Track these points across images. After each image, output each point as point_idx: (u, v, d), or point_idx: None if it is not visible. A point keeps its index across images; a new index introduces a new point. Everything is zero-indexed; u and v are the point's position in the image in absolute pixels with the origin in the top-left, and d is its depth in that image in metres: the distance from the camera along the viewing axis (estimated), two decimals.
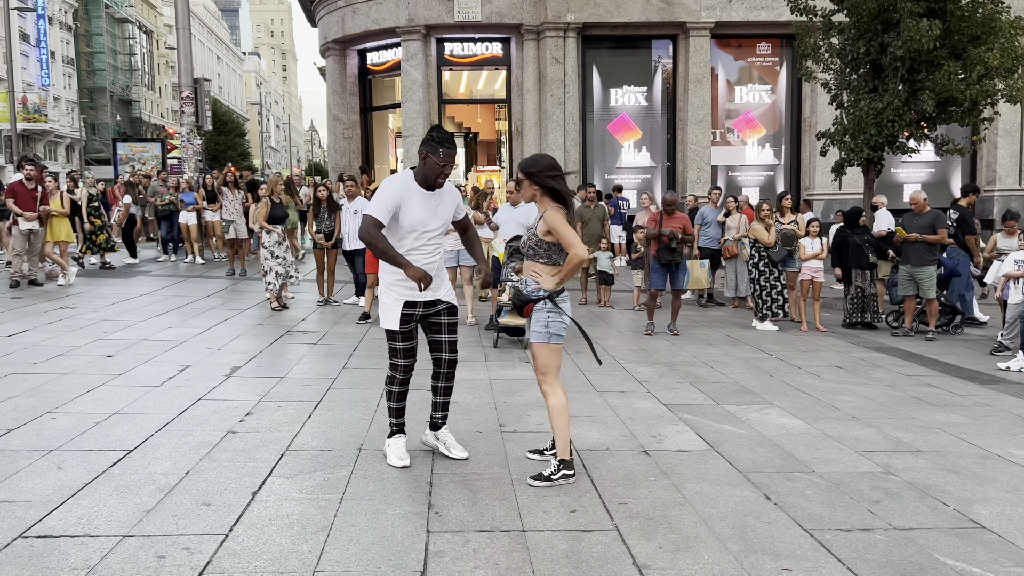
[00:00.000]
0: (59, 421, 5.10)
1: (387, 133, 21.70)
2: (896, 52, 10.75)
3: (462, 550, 3.38)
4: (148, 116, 69.37)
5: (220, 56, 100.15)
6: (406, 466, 4.41)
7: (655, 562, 3.32)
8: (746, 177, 18.39)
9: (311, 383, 6.38)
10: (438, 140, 4.14)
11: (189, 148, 16.49)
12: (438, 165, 4.14)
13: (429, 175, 4.19)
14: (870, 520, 3.81)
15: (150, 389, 6.00)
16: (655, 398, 6.19)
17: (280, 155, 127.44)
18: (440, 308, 4.41)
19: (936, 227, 9.43)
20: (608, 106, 18.02)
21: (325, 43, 19.53)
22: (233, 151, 58.37)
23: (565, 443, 4.18)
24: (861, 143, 11.59)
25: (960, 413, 5.94)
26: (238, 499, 3.87)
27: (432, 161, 4.14)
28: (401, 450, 4.49)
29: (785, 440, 5.12)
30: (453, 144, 4.21)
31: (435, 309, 4.40)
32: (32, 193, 11.29)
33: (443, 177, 4.20)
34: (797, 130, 18.25)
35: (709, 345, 8.69)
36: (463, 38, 18.00)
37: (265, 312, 10.10)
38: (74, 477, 4.11)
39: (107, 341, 7.84)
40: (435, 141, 4.14)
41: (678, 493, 4.11)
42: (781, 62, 18.12)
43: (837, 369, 7.55)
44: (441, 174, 4.18)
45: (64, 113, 56.40)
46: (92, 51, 60.47)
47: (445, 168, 4.17)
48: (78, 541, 3.37)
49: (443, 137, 4.18)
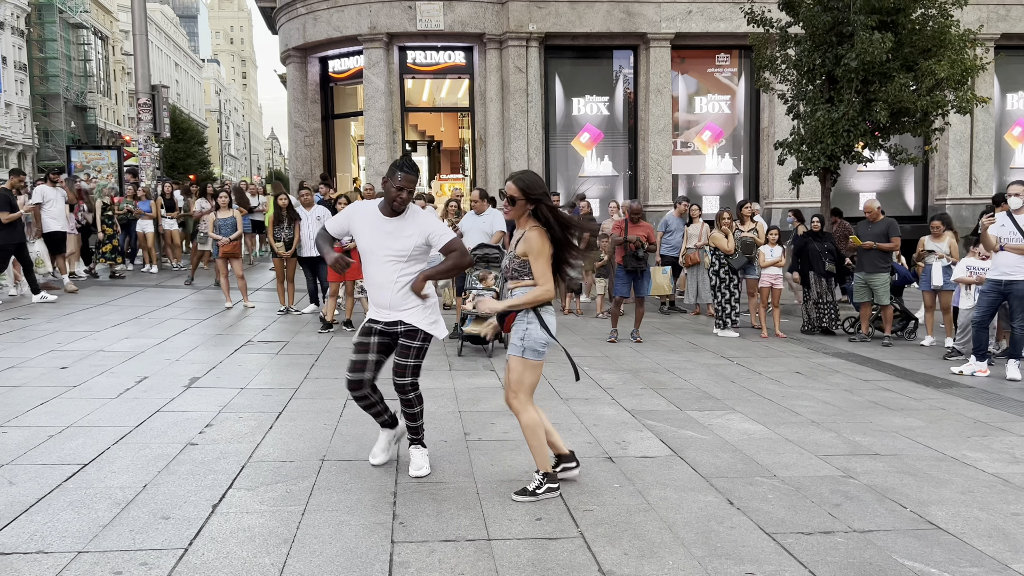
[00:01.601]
0: (11, 435, 4.96)
1: (349, 141, 21.55)
2: (850, 64, 11.00)
3: (427, 560, 3.36)
4: (104, 123, 68.05)
5: (178, 63, 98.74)
6: (376, 464, 4.53)
7: (620, 568, 3.33)
8: (706, 186, 18.62)
9: (272, 393, 6.30)
10: (397, 164, 4.18)
11: (147, 156, 16.18)
12: (394, 188, 4.14)
13: (387, 199, 4.21)
14: (831, 523, 3.87)
15: (106, 401, 5.87)
16: (619, 405, 6.22)
17: (240, 163, 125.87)
18: (399, 330, 4.33)
19: (889, 235, 9.63)
20: (571, 115, 18.12)
21: (286, 50, 19.36)
22: (192, 159, 57.49)
23: (544, 458, 4.11)
24: (818, 152, 11.82)
25: (916, 417, 6.07)
26: (198, 512, 3.80)
27: (389, 185, 4.17)
28: (376, 448, 4.62)
29: (747, 445, 5.18)
30: (413, 169, 4.19)
31: (394, 330, 4.35)
32: None
33: (399, 202, 4.15)
34: (756, 140, 18.53)
35: (671, 352, 8.77)
36: (426, 46, 17.97)
37: (225, 322, 9.94)
38: (27, 492, 3.99)
39: (61, 352, 7.66)
40: (394, 165, 4.18)
41: (643, 499, 4.13)
42: (740, 73, 18.40)
43: (797, 375, 7.66)
44: (397, 198, 4.15)
45: (16, 120, 55.09)
46: (45, 56, 59.19)
47: (401, 192, 4.13)
48: (31, 558, 3.27)
49: (403, 162, 4.19)
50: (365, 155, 18.21)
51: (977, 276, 8.46)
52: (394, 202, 4.16)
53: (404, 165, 4.16)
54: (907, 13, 11.10)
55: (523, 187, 3.97)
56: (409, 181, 4.14)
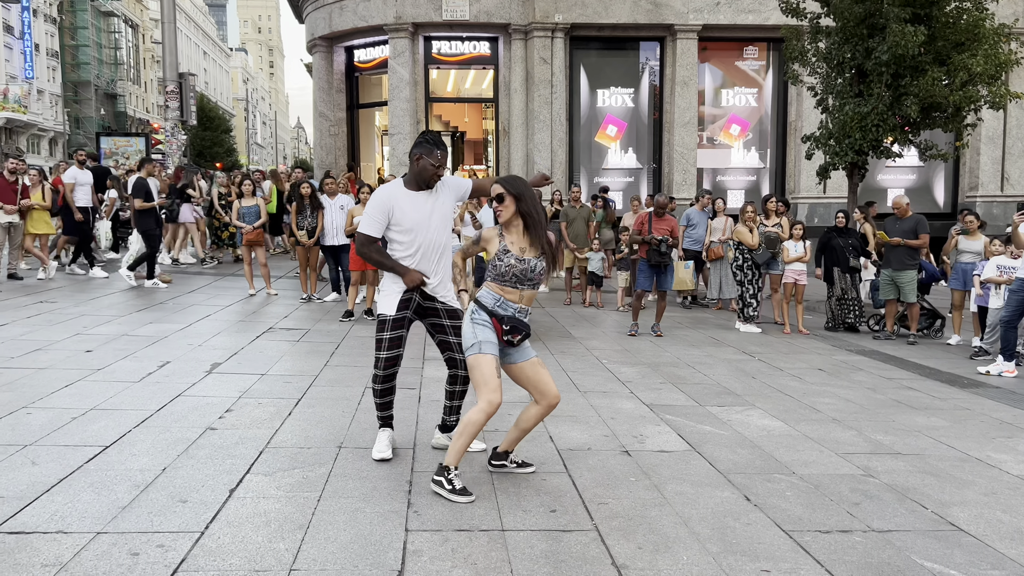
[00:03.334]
0: (35, 416, 5.03)
1: (373, 131, 21.63)
2: (881, 57, 10.83)
3: (440, 549, 3.36)
4: (133, 111, 68.79)
5: (207, 51, 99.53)
6: (384, 459, 4.41)
7: (634, 563, 3.31)
8: (732, 180, 18.46)
9: (292, 380, 6.34)
10: (433, 142, 4.21)
11: (173, 143, 16.35)
12: (432, 167, 4.19)
13: (423, 176, 4.23)
14: (849, 522, 3.82)
15: (129, 385, 5.94)
16: (637, 398, 6.18)
17: (266, 152, 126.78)
18: (438, 307, 4.34)
19: (918, 232, 9.49)
20: (595, 107, 18.03)
21: (312, 40, 19.43)
22: (219, 147, 58.00)
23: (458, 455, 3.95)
24: (846, 147, 11.66)
25: (940, 416, 5.98)
26: (215, 496, 3.83)
27: (427, 162, 4.19)
28: (382, 443, 4.50)
29: (766, 441, 5.13)
30: (446, 147, 4.31)
31: (432, 304, 4.35)
32: (12, 186, 11.16)
33: (437, 179, 4.27)
34: (783, 134, 18.33)
35: (692, 346, 8.71)
36: (451, 37, 17.96)
37: (248, 308, 10.02)
38: (49, 473, 4.05)
39: (87, 336, 7.76)
40: (430, 143, 4.20)
41: (658, 493, 4.11)
42: (768, 66, 18.20)
43: (819, 372, 7.58)
44: (435, 175, 4.23)
45: (48, 106, 55.84)
46: (77, 44, 59.90)
47: (439, 170, 4.23)
48: (51, 537, 3.32)
49: (437, 139, 4.24)
50: (389, 145, 18.27)
51: (1008, 276, 8.31)
52: (432, 179, 4.24)
53: (439, 143, 4.23)
54: (941, 6, 10.89)
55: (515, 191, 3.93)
56: (445, 158, 4.28)
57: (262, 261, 11.17)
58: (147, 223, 11.43)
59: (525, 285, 3.96)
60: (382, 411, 4.51)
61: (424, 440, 4.83)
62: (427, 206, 4.28)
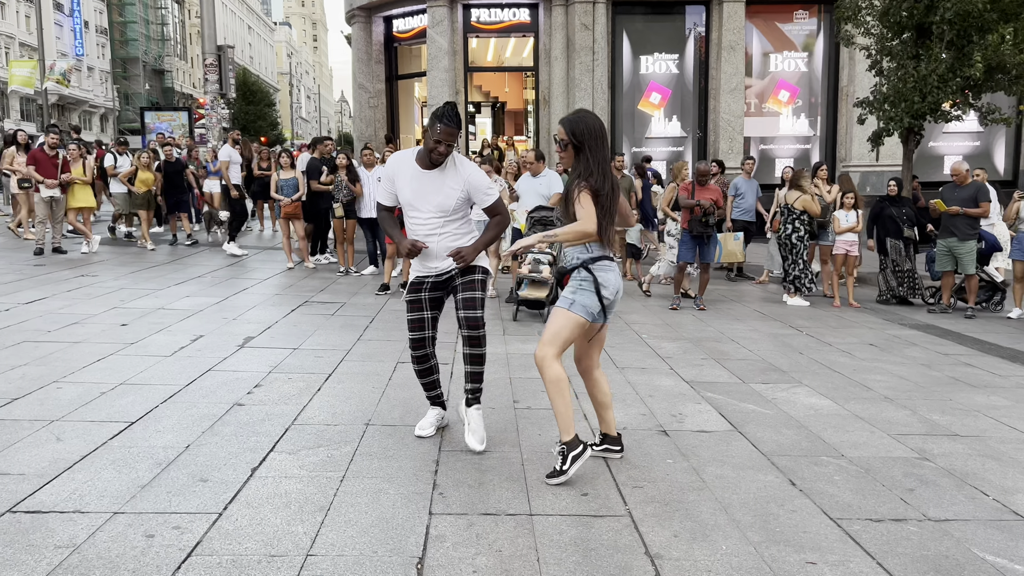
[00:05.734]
0: (65, 391, 5.00)
1: (413, 102, 21.42)
2: (945, 14, 10.23)
3: (465, 534, 3.21)
4: (180, 86, 69.71)
5: (251, 26, 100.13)
6: (421, 436, 4.33)
7: (669, 552, 3.11)
8: (780, 148, 17.87)
9: (324, 355, 6.24)
10: (438, 114, 3.87)
11: (213, 116, 16.38)
12: (431, 140, 3.89)
13: (424, 150, 3.99)
14: (903, 510, 3.56)
15: (160, 359, 5.90)
16: (677, 375, 5.95)
17: (310, 126, 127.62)
18: (453, 273, 4.14)
19: (978, 200, 9.00)
20: (638, 74, 17.56)
21: (351, 10, 19.24)
22: (263, 121, 58.48)
23: (568, 422, 3.71)
24: (901, 111, 11.11)
25: (1001, 395, 5.63)
26: (236, 475, 3.73)
27: (427, 136, 3.93)
28: (426, 420, 4.42)
29: (813, 421, 4.87)
30: (453, 120, 3.86)
31: (446, 277, 4.17)
32: (53, 160, 11.25)
33: (436, 154, 3.91)
34: (834, 100, 17.65)
35: (737, 320, 8.41)
36: (490, 4, 17.59)
37: (284, 282, 9.98)
38: (72, 449, 3.99)
39: (123, 309, 7.77)
40: (435, 115, 3.89)
41: (697, 477, 3.89)
42: (818, 29, 17.49)
43: (870, 347, 7.24)
44: (434, 150, 3.90)
45: (98, 83, 56.80)
46: (125, 20, 60.72)
47: (439, 145, 3.88)
48: (67, 517, 3.24)
49: (444, 112, 3.87)
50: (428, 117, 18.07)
51: None
52: (432, 154, 3.93)
53: (445, 115, 3.86)
54: None
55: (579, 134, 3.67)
56: (448, 134, 3.85)
57: (300, 234, 11.12)
58: (318, 205, 11.34)
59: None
60: (426, 391, 4.40)
61: (453, 417, 4.68)
62: (428, 186, 4.00)
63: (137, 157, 12.96)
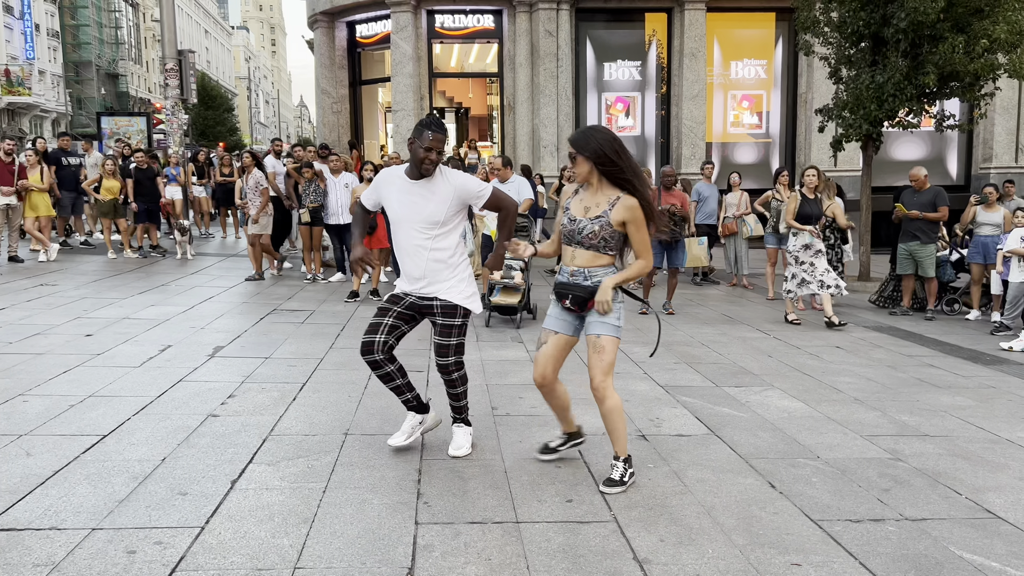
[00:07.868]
0: (31, 404, 4.88)
1: (377, 108, 21.28)
2: (899, 24, 10.49)
3: (452, 543, 3.20)
4: (135, 90, 68.33)
5: (208, 30, 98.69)
6: (395, 446, 4.25)
7: (657, 556, 3.14)
8: (741, 153, 18.14)
9: (297, 364, 6.17)
10: (424, 123, 3.85)
11: (174, 122, 16.10)
12: (422, 149, 3.82)
13: (415, 161, 3.90)
14: (880, 510, 3.64)
15: (129, 370, 5.78)
16: (652, 379, 6.00)
17: (269, 130, 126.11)
18: (434, 303, 4.01)
19: (937, 204, 9.23)
20: (602, 80, 17.69)
21: (313, 15, 19.07)
22: (222, 126, 57.64)
23: (625, 442, 3.83)
24: (860, 118, 11.36)
25: (965, 395, 5.78)
26: (216, 488, 3.67)
27: (416, 146, 3.85)
28: (398, 431, 4.32)
29: (787, 424, 4.95)
30: (441, 128, 3.86)
31: (428, 304, 4.03)
32: (9, 167, 10.97)
33: (428, 163, 3.84)
34: (792, 106, 17.97)
35: (705, 324, 8.51)
36: (454, 10, 17.59)
37: (251, 290, 9.85)
38: (43, 464, 3.89)
39: (87, 319, 7.60)
40: (421, 124, 3.87)
41: (679, 481, 3.93)
42: (777, 37, 17.81)
43: (837, 349, 7.38)
44: (426, 159, 3.83)
45: (50, 87, 55.46)
46: (77, 24, 59.35)
47: (430, 153, 3.82)
48: (44, 535, 3.16)
49: (430, 120, 3.87)
50: (392, 122, 17.96)
51: None
52: (423, 164, 3.84)
53: (432, 124, 3.84)
54: None
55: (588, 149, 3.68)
56: (438, 141, 3.83)
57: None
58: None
59: (574, 245, 3.75)
60: (397, 396, 4.24)
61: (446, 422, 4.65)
62: (416, 200, 3.92)
63: (102, 165, 12.67)
